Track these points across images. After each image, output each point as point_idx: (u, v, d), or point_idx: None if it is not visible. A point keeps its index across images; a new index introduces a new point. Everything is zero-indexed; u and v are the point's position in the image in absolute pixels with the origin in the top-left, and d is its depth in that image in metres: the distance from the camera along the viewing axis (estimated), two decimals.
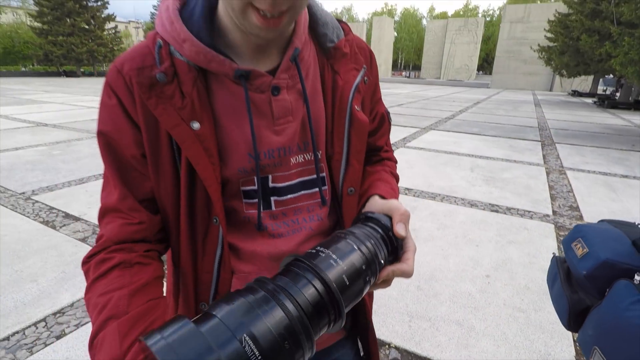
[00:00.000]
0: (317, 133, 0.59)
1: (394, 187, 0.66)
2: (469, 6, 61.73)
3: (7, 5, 43.41)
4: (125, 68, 0.49)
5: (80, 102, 12.35)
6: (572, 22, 16.44)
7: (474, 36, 39.05)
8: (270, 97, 0.54)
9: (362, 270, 0.43)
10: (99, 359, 0.41)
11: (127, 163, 0.53)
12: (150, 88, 0.48)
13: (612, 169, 5.13)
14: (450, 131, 7.91)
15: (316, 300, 0.37)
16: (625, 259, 0.93)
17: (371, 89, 0.65)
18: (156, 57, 0.49)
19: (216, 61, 0.49)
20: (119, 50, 36.27)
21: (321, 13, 0.59)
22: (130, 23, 71.81)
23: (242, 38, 0.52)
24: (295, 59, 0.54)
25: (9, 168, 4.46)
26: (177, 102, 0.49)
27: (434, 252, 2.66)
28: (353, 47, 0.61)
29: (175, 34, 0.49)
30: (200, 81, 0.51)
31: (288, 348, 0.33)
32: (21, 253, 2.54)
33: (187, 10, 0.51)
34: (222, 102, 0.53)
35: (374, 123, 0.69)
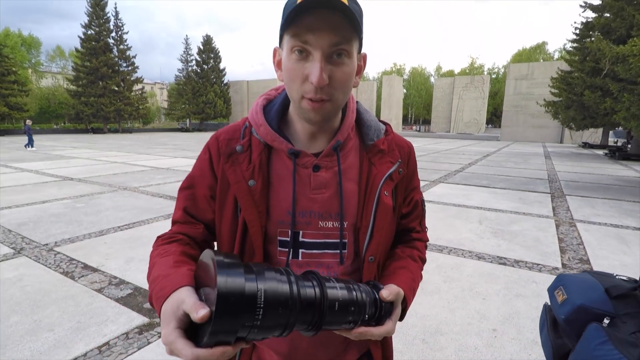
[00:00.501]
0: (348, 207, 0.73)
1: (414, 277, 0.76)
2: (474, 64, 64.81)
3: (49, 71, 47.86)
4: (221, 137, 0.74)
5: (105, 157, 13.11)
6: (574, 80, 17.07)
7: (481, 92, 40.51)
8: (311, 172, 0.72)
9: (350, 310, 0.56)
10: (154, 274, 0.63)
11: (198, 198, 0.76)
12: (229, 156, 0.72)
13: (623, 221, 5.08)
14: (459, 184, 8.02)
15: (311, 300, 0.51)
16: (597, 305, 1.03)
17: (406, 179, 0.79)
18: (241, 133, 0.73)
19: (278, 141, 0.71)
20: (143, 109, 38.89)
21: (367, 117, 0.78)
22: (156, 84, 77.49)
23: (301, 127, 0.73)
24: (336, 148, 0.72)
25: (35, 220, 4.74)
26: (244, 166, 0.70)
27: (440, 305, 2.66)
28: (391, 144, 0.77)
29: (256, 120, 0.73)
30: (264, 153, 0.72)
31: (280, 313, 0.47)
32: (41, 303, 2.66)
33: (270, 105, 0.76)
34: (277, 169, 0.73)
35: (408, 207, 0.82)
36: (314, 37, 0.59)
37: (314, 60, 0.60)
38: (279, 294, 0.48)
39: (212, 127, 49.06)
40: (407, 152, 0.80)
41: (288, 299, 0.48)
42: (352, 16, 0.58)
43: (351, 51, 0.62)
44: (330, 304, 0.53)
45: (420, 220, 0.86)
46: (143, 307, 2.60)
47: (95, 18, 35.79)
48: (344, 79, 0.63)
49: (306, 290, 0.51)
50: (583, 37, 18.60)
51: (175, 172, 9.37)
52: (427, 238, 0.88)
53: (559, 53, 48.85)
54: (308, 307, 0.51)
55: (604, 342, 0.90)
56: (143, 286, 2.93)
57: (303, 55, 0.61)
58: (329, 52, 0.60)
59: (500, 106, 39.46)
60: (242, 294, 0.44)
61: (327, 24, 0.58)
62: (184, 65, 46.16)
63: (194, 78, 45.22)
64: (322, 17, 0.58)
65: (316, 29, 0.58)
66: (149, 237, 4.12)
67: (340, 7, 0.57)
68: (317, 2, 0.56)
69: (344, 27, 0.59)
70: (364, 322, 0.60)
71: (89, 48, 35.08)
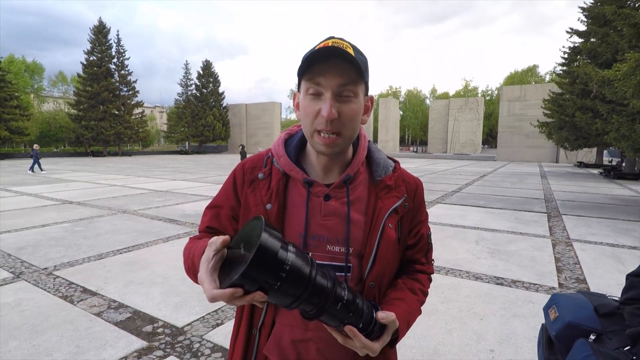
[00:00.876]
0: (354, 234, 0.80)
1: (411, 311, 0.81)
2: (468, 87, 66.28)
3: (50, 95, 48.62)
4: (246, 165, 0.86)
5: (104, 180, 13.18)
6: (566, 101, 17.50)
7: (476, 113, 41.26)
8: (322, 201, 0.80)
9: (349, 313, 0.65)
10: (191, 252, 0.76)
11: (222, 216, 0.86)
12: (252, 182, 0.83)
13: (619, 240, 5.13)
14: (456, 204, 8.09)
15: (321, 288, 0.60)
16: (585, 322, 1.09)
17: (412, 212, 0.86)
18: (264, 162, 0.84)
19: (294, 171, 0.81)
20: (143, 132, 39.33)
21: (377, 156, 0.87)
22: (155, 108, 78.58)
23: (316, 160, 0.82)
24: (346, 182, 0.81)
25: (34, 244, 4.75)
26: (263, 191, 0.81)
27: (438, 326, 2.67)
28: (398, 180, 0.85)
29: (277, 152, 0.84)
30: (282, 181, 0.82)
31: (295, 286, 0.57)
32: (39, 327, 2.66)
33: (291, 139, 0.88)
34: (293, 196, 0.82)
35: (413, 239, 0.88)
36: (325, 79, 0.71)
37: (325, 98, 0.71)
38: (301, 271, 0.57)
39: (211, 149, 49.42)
40: (414, 188, 0.87)
41: (305, 278, 0.57)
42: (357, 64, 0.70)
43: (357, 91, 0.73)
44: (336, 299, 0.62)
45: (426, 253, 0.91)
46: (142, 331, 2.60)
47: (98, 45, 36.77)
48: (351, 115, 0.73)
49: (321, 279, 0.61)
50: (571, 61, 19.22)
51: (174, 195, 9.42)
52: (432, 270, 0.93)
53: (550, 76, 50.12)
54: (318, 293, 0.60)
55: (588, 355, 0.95)
56: (142, 310, 2.94)
57: (316, 96, 0.73)
58: (337, 91, 0.71)
59: (496, 127, 40.11)
60: (275, 256, 0.54)
61: (336, 69, 0.70)
62: (184, 89, 47.05)
63: (194, 101, 45.99)
64: (331, 63, 0.70)
65: (327, 73, 0.71)
66: (148, 261, 4.13)
67: (347, 57, 0.69)
68: (327, 52, 0.69)
69: (350, 72, 0.71)
70: (359, 329, 0.67)
71: (91, 73, 35.85)
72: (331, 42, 0.72)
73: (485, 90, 67.19)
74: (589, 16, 17.30)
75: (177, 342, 2.45)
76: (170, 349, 2.38)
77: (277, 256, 0.54)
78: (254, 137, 47.34)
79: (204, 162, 26.09)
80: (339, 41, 0.73)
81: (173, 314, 2.87)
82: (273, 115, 45.89)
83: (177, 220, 6.30)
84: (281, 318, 0.82)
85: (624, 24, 7.58)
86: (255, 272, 0.53)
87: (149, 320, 2.77)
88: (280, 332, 0.82)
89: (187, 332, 2.60)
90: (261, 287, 0.55)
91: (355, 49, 0.73)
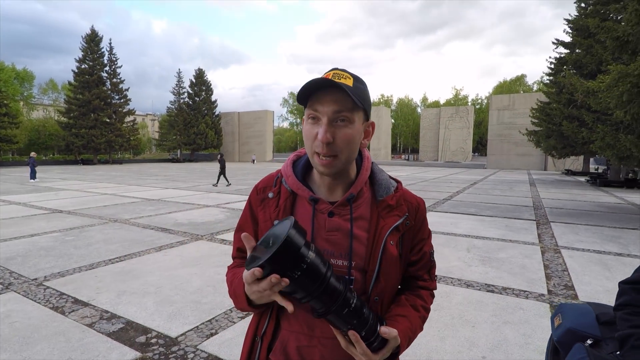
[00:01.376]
0: (358, 250, 0.85)
1: (413, 328, 0.86)
2: (458, 96, 67.33)
3: (40, 103, 48.04)
4: (259, 186, 0.94)
5: (95, 189, 13.03)
6: (553, 110, 17.90)
7: (466, 122, 41.88)
8: (326, 217, 0.86)
9: (354, 319, 0.70)
10: (237, 291, 0.81)
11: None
12: (262, 201, 0.91)
13: (605, 247, 5.25)
14: (447, 212, 8.19)
15: (333, 290, 0.67)
16: (585, 329, 1.15)
17: (413, 230, 0.90)
18: (274, 182, 0.91)
19: (301, 189, 0.87)
20: (134, 140, 39.02)
21: (379, 177, 0.92)
22: (147, 116, 78.15)
23: (320, 179, 0.89)
24: (349, 200, 0.86)
25: (24, 254, 4.68)
26: (272, 208, 0.88)
27: (431, 334, 2.71)
28: (400, 200, 0.90)
29: (286, 172, 0.91)
30: (289, 199, 0.88)
31: (310, 282, 0.64)
32: (30, 339, 2.62)
33: (299, 160, 0.94)
34: (299, 212, 0.88)
35: (416, 256, 0.92)
36: (322, 106, 0.78)
37: (322, 123, 0.78)
38: (318, 269, 0.64)
39: (203, 157, 49.18)
40: (415, 207, 0.92)
41: (321, 276, 0.64)
42: (354, 93, 0.76)
43: (352, 118, 0.79)
44: (344, 302, 0.68)
45: (428, 270, 0.95)
46: (135, 342, 2.59)
47: (90, 53, 36.61)
48: (345, 139, 0.79)
49: (334, 282, 0.67)
50: (557, 71, 19.71)
51: (166, 204, 9.36)
52: (434, 287, 0.97)
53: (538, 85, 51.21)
54: (329, 293, 0.66)
55: (582, 357, 1.00)
56: (135, 320, 2.92)
57: (315, 121, 0.80)
58: (332, 117, 0.78)
59: (485, 135, 40.74)
60: (298, 250, 0.61)
61: (333, 98, 0.77)
62: (176, 97, 46.94)
63: (186, 109, 45.88)
64: (329, 93, 0.78)
65: (324, 101, 0.78)
66: (140, 270, 4.11)
67: (344, 87, 0.75)
68: (326, 83, 0.76)
69: (345, 100, 0.77)
70: (361, 337, 0.72)
71: (82, 81, 35.63)
72: (332, 74, 0.79)
73: (475, 99, 68.35)
74: (573, 28, 17.85)
75: (171, 353, 2.44)
76: (164, 359, 2.37)
77: (300, 251, 0.61)
78: (246, 145, 47.29)
79: (196, 170, 25.95)
80: (340, 72, 0.79)
81: (167, 324, 2.86)
82: (265, 124, 45.96)
83: (169, 229, 6.26)
84: (287, 324, 0.86)
85: (607, 36, 7.86)
86: (280, 258, 0.59)
87: (142, 330, 2.76)
88: (287, 338, 0.86)
89: (181, 342, 2.59)
90: (282, 274, 0.61)
91: (356, 78, 0.80)
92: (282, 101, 74.78)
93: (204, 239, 5.58)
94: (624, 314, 0.91)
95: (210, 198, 10.58)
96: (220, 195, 11.37)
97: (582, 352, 1.00)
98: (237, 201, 9.90)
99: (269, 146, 46.37)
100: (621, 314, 0.92)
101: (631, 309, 0.89)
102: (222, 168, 14.24)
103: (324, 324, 0.83)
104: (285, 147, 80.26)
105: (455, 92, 67.73)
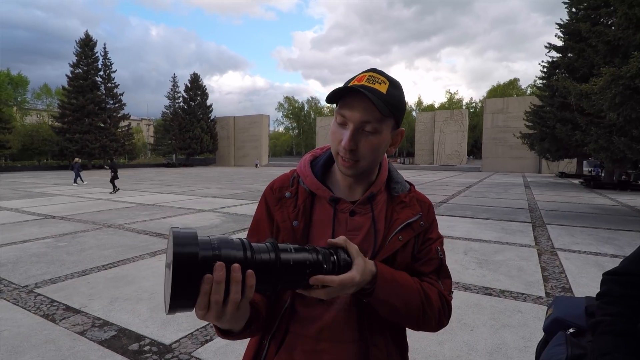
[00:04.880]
0: (377, 245, 0.83)
1: (403, 278, 0.78)
2: (453, 99, 67.80)
3: (34, 108, 47.67)
4: (275, 186, 0.89)
5: (89, 194, 12.89)
6: (546, 113, 18.07)
7: (461, 125, 42.10)
8: (348, 217, 0.84)
9: (305, 269, 0.63)
10: None
11: (261, 241, 0.84)
12: (279, 201, 0.86)
13: (601, 249, 5.26)
14: (444, 215, 8.19)
15: (265, 262, 0.60)
16: (571, 319, 1.18)
17: (424, 229, 0.87)
18: (290, 182, 0.88)
19: (321, 189, 0.85)
20: (129, 145, 38.78)
21: (396, 175, 0.92)
22: (142, 120, 77.79)
23: (341, 178, 0.87)
24: (370, 199, 0.85)
25: (14, 261, 4.59)
26: (290, 209, 0.84)
27: (429, 338, 2.68)
28: (412, 200, 0.89)
29: (304, 172, 0.88)
30: (308, 199, 0.85)
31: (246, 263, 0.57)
32: (19, 349, 2.55)
33: (317, 160, 0.92)
34: (319, 212, 0.85)
35: (420, 253, 0.87)
36: (351, 113, 0.75)
37: (348, 129, 0.76)
38: (233, 259, 0.56)
39: (198, 162, 49.01)
40: (427, 207, 0.91)
41: (243, 261, 0.57)
42: (386, 101, 0.73)
43: (380, 128, 0.76)
44: (284, 264, 0.61)
45: (436, 271, 0.87)
46: (128, 349, 2.52)
47: (84, 57, 36.44)
48: (369, 148, 0.77)
49: (261, 255, 0.60)
50: (550, 75, 19.92)
51: (161, 209, 9.27)
52: (445, 293, 0.86)
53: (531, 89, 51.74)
54: (262, 270, 0.59)
55: (560, 344, 1.02)
56: (128, 327, 2.86)
57: (342, 125, 0.78)
58: (358, 126, 0.76)
59: (480, 138, 40.99)
60: (196, 261, 0.52)
61: (361, 106, 0.74)
62: (171, 102, 46.80)
63: (181, 114, 45.74)
64: (359, 99, 0.74)
65: (353, 107, 0.75)
66: (133, 276, 4.04)
67: (377, 94, 0.73)
68: (359, 89, 0.72)
69: (374, 110, 0.74)
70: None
71: (76, 86, 35.40)
72: (367, 76, 0.76)
73: (469, 102, 68.88)
74: (565, 32, 18.05)
75: None
76: None
77: (199, 257, 0.52)
78: (242, 150, 47.20)
79: (191, 175, 25.81)
80: (376, 76, 0.77)
81: (160, 330, 2.80)
82: (261, 128, 45.94)
83: (164, 234, 6.19)
84: (295, 327, 0.83)
85: (599, 41, 7.95)
86: (184, 285, 0.51)
87: (135, 338, 2.69)
88: (294, 342, 0.83)
89: (175, 349, 2.53)
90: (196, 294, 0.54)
91: (392, 83, 0.77)
92: (278, 105, 74.90)
93: None
94: (601, 303, 0.94)
95: (206, 202, 10.50)
96: (216, 199, 11.30)
97: (562, 339, 1.03)
98: (232, 205, 9.83)
99: (264, 150, 46.31)
100: (599, 303, 0.95)
101: (607, 298, 0.93)
102: (113, 173, 13.57)
103: (333, 327, 0.80)
104: (280, 151, 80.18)
105: (450, 96, 68.27)
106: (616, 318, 0.87)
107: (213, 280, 0.53)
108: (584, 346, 0.97)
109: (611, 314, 0.88)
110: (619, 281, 0.93)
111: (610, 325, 0.86)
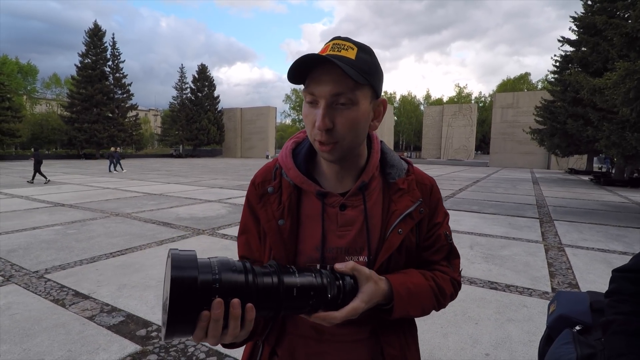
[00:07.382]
0: (372, 242, 0.76)
1: (414, 282, 0.74)
2: (462, 93, 66.97)
3: (43, 97, 48.13)
4: (256, 181, 0.80)
5: (97, 182, 13.05)
6: (558, 109, 17.77)
7: (469, 120, 41.65)
8: (338, 211, 0.76)
9: (310, 294, 0.60)
10: None
11: (251, 242, 0.81)
12: (261, 197, 0.78)
13: (610, 246, 5.20)
14: (450, 209, 8.14)
15: (268, 288, 0.57)
16: (577, 315, 1.15)
17: (428, 215, 0.80)
18: (272, 175, 0.79)
19: (306, 183, 0.76)
20: (137, 135, 39.05)
21: (391, 158, 0.82)
22: (150, 111, 78.17)
23: (327, 167, 0.78)
24: (362, 188, 0.76)
25: (25, 247, 4.68)
26: (274, 206, 0.76)
27: (433, 330, 2.68)
28: (412, 184, 0.80)
29: (286, 164, 0.78)
30: (294, 194, 0.76)
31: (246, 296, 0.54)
32: (30, 331, 2.61)
33: (299, 148, 0.81)
34: (306, 208, 0.77)
35: (429, 240, 0.81)
36: (319, 87, 0.66)
37: (320, 107, 0.67)
38: (234, 284, 0.53)
39: (205, 153, 49.24)
40: (429, 189, 0.82)
41: (242, 287, 0.54)
42: (356, 67, 0.65)
43: (356, 99, 0.66)
44: (287, 289, 0.58)
45: (447, 256, 0.83)
46: (135, 335, 2.57)
47: (93, 47, 36.58)
48: (348, 123, 0.67)
49: (263, 279, 0.57)
50: (563, 69, 19.54)
51: (168, 198, 9.35)
52: (456, 277, 0.82)
53: (542, 83, 50.88)
54: (265, 296, 0.56)
55: (567, 342, 1.00)
56: (135, 313, 2.90)
57: (313, 104, 0.68)
58: (331, 100, 0.66)
59: (489, 133, 40.55)
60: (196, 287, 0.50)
61: (330, 77, 0.65)
62: (179, 93, 46.90)
63: (188, 105, 45.85)
64: (325, 71, 0.65)
65: (321, 81, 0.66)
66: (141, 264, 4.09)
67: (345, 61, 0.64)
68: (321, 59, 0.63)
69: (346, 79, 0.64)
70: (327, 304, 0.62)
71: (85, 76, 35.60)
72: (331, 45, 0.67)
73: (479, 96, 68.00)
74: (580, 26, 17.66)
75: (172, 346, 2.42)
76: (165, 353, 2.35)
77: (198, 282, 0.49)
78: (249, 141, 47.26)
79: (198, 166, 25.96)
80: (342, 42, 0.68)
81: None
82: (268, 120, 45.89)
83: (171, 223, 6.25)
84: (293, 328, 0.78)
85: (615, 33, 7.75)
86: (182, 312, 0.49)
87: (143, 324, 2.74)
88: (294, 344, 0.78)
89: None
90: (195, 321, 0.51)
91: (361, 47, 0.68)
92: (285, 98, 74.75)
93: (206, 234, 5.56)
94: (612, 301, 0.91)
95: (212, 193, 10.57)
96: (223, 190, 11.36)
97: (568, 337, 1.01)
98: (239, 196, 9.88)
99: (271, 142, 46.32)
100: (609, 300, 0.93)
101: (618, 296, 0.90)
102: (37, 163, 13.13)
103: (335, 326, 0.74)
104: None
105: (459, 90, 67.42)
106: (629, 317, 0.84)
107: (210, 318, 0.51)
108: (593, 345, 0.95)
109: (623, 312, 0.86)
110: (630, 278, 0.90)
111: (624, 325, 0.83)
